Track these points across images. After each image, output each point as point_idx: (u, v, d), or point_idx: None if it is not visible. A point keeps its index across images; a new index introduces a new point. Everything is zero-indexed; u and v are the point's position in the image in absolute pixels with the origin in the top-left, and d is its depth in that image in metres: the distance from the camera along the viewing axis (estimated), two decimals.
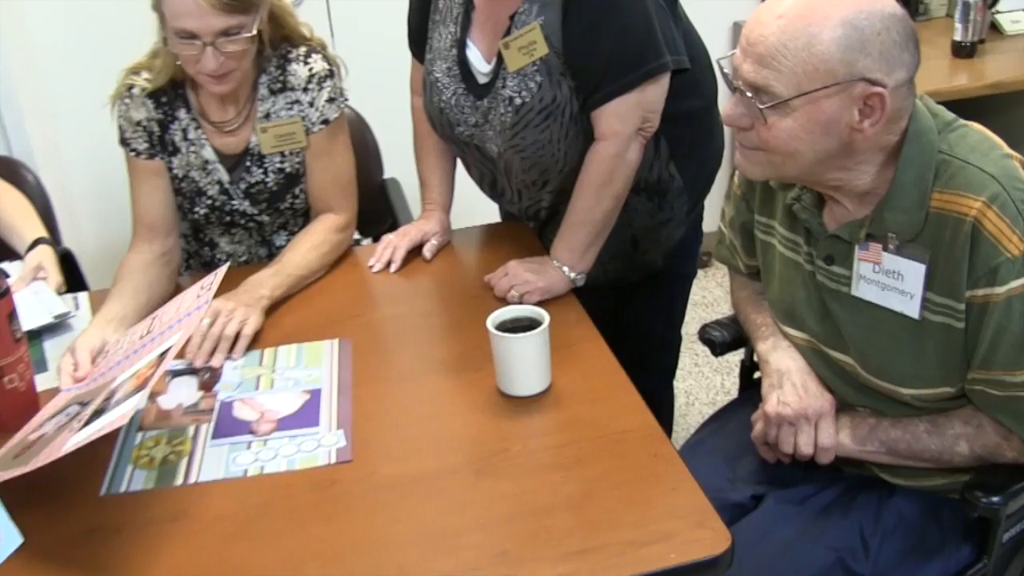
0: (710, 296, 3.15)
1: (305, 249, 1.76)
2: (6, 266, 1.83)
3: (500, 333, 1.36)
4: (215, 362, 1.51)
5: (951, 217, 1.20)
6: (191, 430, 1.38)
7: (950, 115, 1.29)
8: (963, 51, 2.69)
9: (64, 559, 1.18)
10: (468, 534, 1.17)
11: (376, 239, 1.88)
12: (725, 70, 1.22)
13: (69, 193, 2.77)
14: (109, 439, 1.36)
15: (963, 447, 1.31)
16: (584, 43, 1.59)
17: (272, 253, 1.86)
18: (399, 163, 2.03)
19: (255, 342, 1.57)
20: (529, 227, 1.87)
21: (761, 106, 1.17)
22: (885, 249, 1.25)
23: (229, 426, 1.38)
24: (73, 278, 2.07)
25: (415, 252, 1.81)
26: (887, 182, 1.23)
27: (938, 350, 1.26)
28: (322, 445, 1.33)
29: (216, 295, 1.43)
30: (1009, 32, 2.79)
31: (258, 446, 1.34)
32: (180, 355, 1.53)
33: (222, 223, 1.83)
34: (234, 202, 1.79)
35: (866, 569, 1.34)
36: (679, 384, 2.76)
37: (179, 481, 1.29)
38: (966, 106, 2.69)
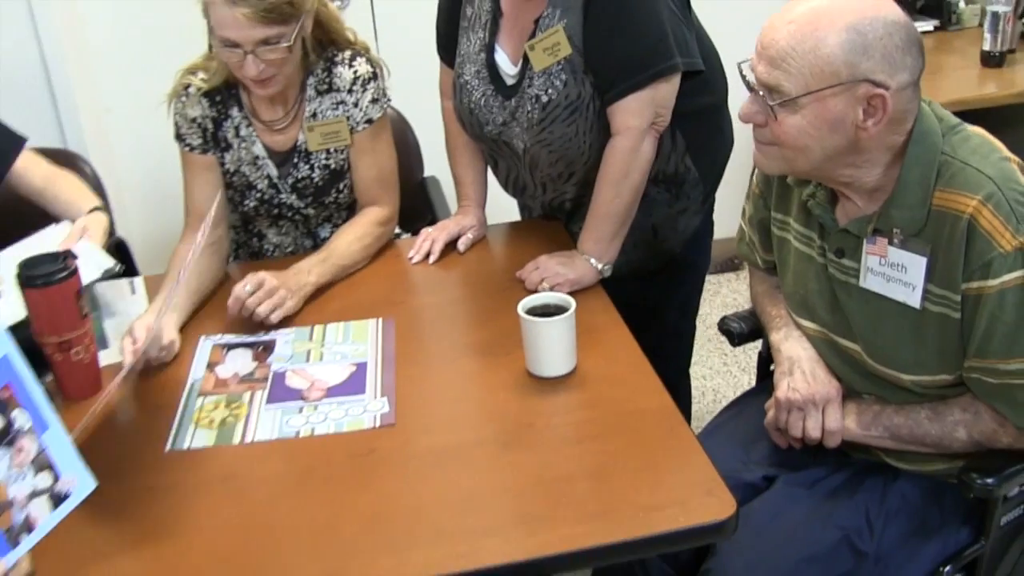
0: (740, 298, 3.28)
1: (350, 240, 1.92)
2: (51, 229, 1.96)
3: (530, 317, 1.51)
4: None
5: (950, 214, 1.33)
6: (247, 396, 1.55)
7: (955, 119, 1.42)
8: (992, 60, 2.80)
9: (128, 511, 1.34)
10: (495, 498, 1.32)
11: (415, 233, 2.04)
12: (744, 72, 1.36)
13: (119, 186, 2.96)
14: (171, 403, 1.54)
15: (961, 433, 1.44)
16: (601, 45, 1.75)
17: (317, 244, 2.02)
18: (439, 162, 2.18)
19: (305, 319, 1.74)
20: (558, 222, 2.03)
21: (771, 103, 1.31)
22: (890, 243, 1.38)
23: (282, 393, 1.55)
24: (126, 266, 2.25)
25: (451, 245, 1.97)
26: (893, 180, 1.37)
27: (937, 339, 1.39)
28: (367, 410, 1.49)
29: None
30: None
31: (309, 410, 1.50)
32: (234, 329, 1.72)
33: (270, 215, 2.00)
34: (282, 196, 1.96)
35: (870, 547, 1.47)
36: (707, 382, 2.90)
37: (237, 440, 1.46)
38: (993, 115, 2.81)
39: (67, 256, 1.58)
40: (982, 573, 1.51)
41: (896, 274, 1.39)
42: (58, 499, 1.18)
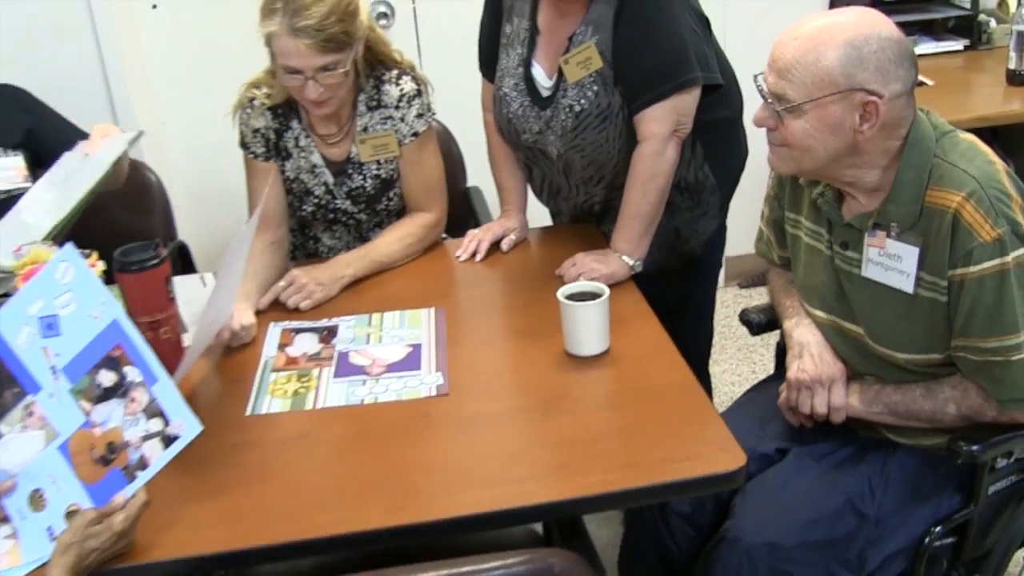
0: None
1: (391, 239, 2.22)
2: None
3: (568, 301, 1.79)
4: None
5: (938, 209, 1.60)
6: (315, 372, 1.84)
7: (948, 126, 1.69)
8: (1017, 79, 3.05)
9: (219, 462, 1.62)
10: (535, 452, 1.60)
11: (461, 236, 2.32)
12: (759, 82, 1.64)
13: (174, 193, 3.28)
14: (247, 377, 1.83)
15: (952, 408, 1.69)
16: (629, 59, 2.04)
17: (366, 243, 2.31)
18: (482, 173, 2.47)
19: (364, 308, 2.03)
20: (591, 224, 2.31)
21: (779, 109, 1.59)
22: (888, 236, 1.65)
23: (347, 369, 1.83)
24: (187, 268, 2.56)
25: (495, 245, 2.26)
26: (891, 180, 1.64)
27: (927, 321, 1.65)
28: (424, 383, 1.77)
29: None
30: None
31: (371, 383, 1.79)
32: (299, 316, 2.02)
33: (326, 220, 2.29)
34: (337, 202, 2.25)
35: (871, 510, 1.72)
36: (736, 388, 3.15)
37: (309, 406, 1.75)
38: (1018, 132, 3.06)
39: (158, 245, 1.88)
40: (972, 536, 1.76)
41: (893, 263, 1.66)
42: (168, 440, 1.46)
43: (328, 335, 1.96)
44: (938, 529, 1.72)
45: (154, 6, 3.17)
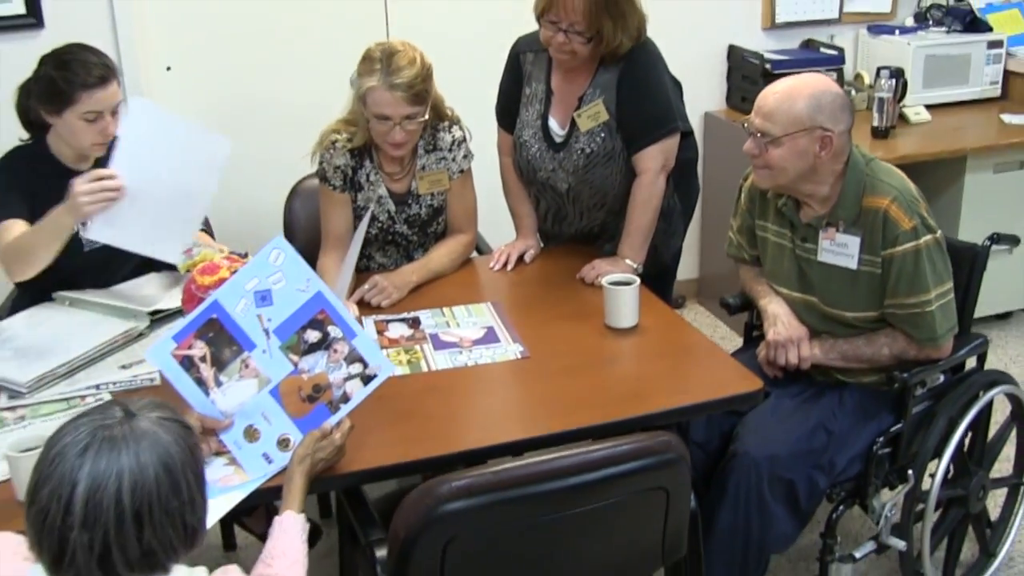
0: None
1: (442, 254, 2.83)
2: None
3: (612, 286, 2.44)
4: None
5: (872, 209, 2.34)
6: (418, 347, 2.41)
7: (870, 155, 2.45)
8: (879, 134, 3.93)
9: (378, 407, 2.15)
10: (612, 388, 2.24)
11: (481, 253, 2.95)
12: (747, 124, 2.36)
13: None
14: None
15: (885, 351, 2.43)
16: (629, 113, 2.74)
17: (412, 261, 2.89)
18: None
19: (436, 304, 2.61)
20: (589, 244, 2.97)
21: (763, 141, 2.31)
22: (837, 231, 2.38)
23: (442, 344, 2.41)
24: None
25: (519, 259, 2.90)
26: (837, 192, 2.38)
27: (867, 288, 2.38)
28: (508, 350, 2.38)
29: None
30: (913, 121, 4.05)
31: (467, 352, 2.37)
32: (382, 313, 2.59)
33: (384, 241, 2.87)
34: (396, 226, 2.84)
35: (835, 428, 2.43)
36: None
37: (424, 369, 2.32)
38: None
39: None
40: (902, 446, 2.48)
41: (841, 249, 2.39)
42: (367, 380, 2.02)
43: (415, 323, 2.54)
44: (880, 439, 2.44)
45: (168, 68, 3.68)
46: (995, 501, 2.88)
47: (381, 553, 1.89)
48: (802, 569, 2.90)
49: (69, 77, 2.48)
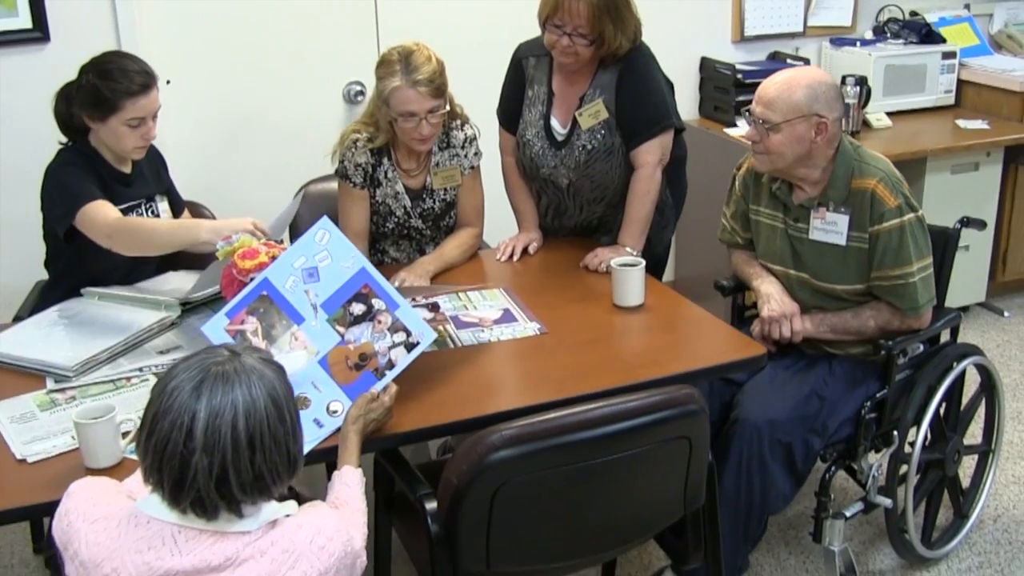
0: None
1: (454, 246, 3.01)
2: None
3: (621, 267, 2.65)
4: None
5: (860, 190, 2.58)
6: (442, 327, 2.58)
7: (857, 142, 2.69)
8: None
9: (410, 376, 2.32)
10: (626, 358, 2.44)
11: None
12: (750, 111, 2.58)
13: None
14: None
15: (871, 323, 2.66)
16: (627, 111, 2.96)
17: (423, 254, 3.07)
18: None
19: (452, 291, 2.80)
20: (587, 236, 3.18)
21: (764, 127, 2.54)
22: (827, 210, 2.61)
23: (463, 324, 2.59)
24: None
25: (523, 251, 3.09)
26: (828, 175, 2.61)
27: (855, 262, 2.62)
28: (527, 328, 2.56)
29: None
30: (876, 126, 4.34)
31: (488, 331, 2.55)
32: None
33: (399, 235, 3.04)
34: (411, 220, 3.02)
35: (827, 394, 2.65)
36: None
37: (451, 346, 2.49)
38: None
39: None
40: (887, 411, 2.71)
41: (831, 227, 2.62)
42: (411, 347, 2.20)
43: (434, 307, 2.71)
44: (868, 404, 2.66)
45: (168, 82, 3.82)
46: (965, 472, 3.12)
47: (431, 506, 2.06)
48: (791, 536, 3.11)
49: (113, 86, 2.63)
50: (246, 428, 1.50)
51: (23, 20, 3.56)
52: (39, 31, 3.56)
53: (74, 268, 2.76)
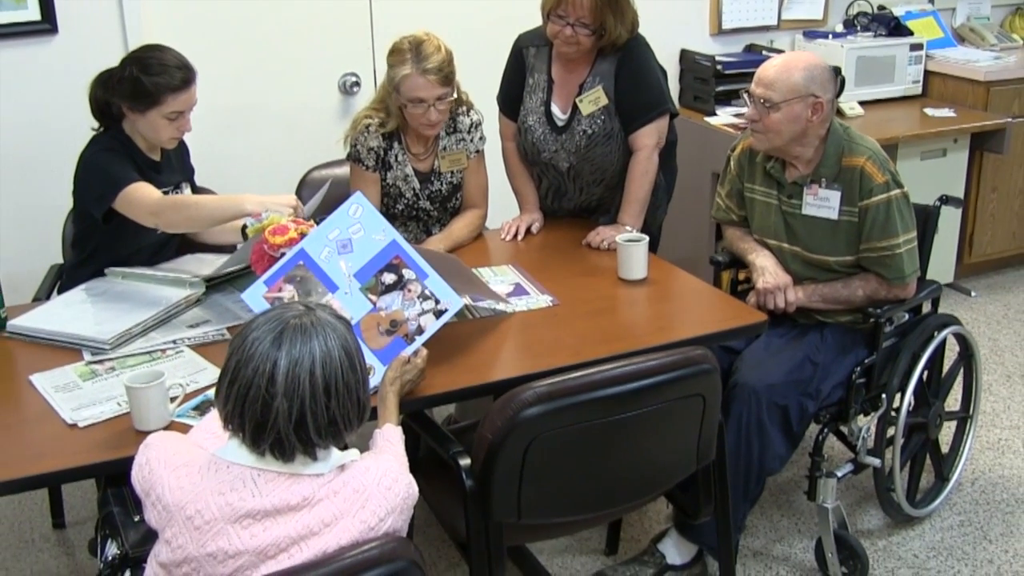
0: None
1: (462, 226, 3.14)
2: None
3: (626, 242, 2.79)
4: None
5: (850, 167, 2.74)
6: None
7: (846, 124, 2.85)
8: None
9: (451, 344, 2.42)
10: (638, 326, 2.60)
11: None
12: (750, 91, 2.74)
13: None
14: None
15: (860, 292, 2.82)
16: (626, 97, 3.11)
17: (430, 235, 3.19)
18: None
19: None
20: (586, 217, 3.32)
21: (764, 106, 2.70)
22: (820, 187, 2.78)
23: (478, 297, 2.70)
24: None
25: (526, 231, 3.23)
26: (820, 154, 2.77)
27: (845, 235, 2.78)
28: (540, 300, 2.70)
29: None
30: (849, 115, 4.52)
31: (503, 303, 2.67)
32: None
33: (408, 216, 3.16)
34: (420, 202, 3.14)
35: (820, 359, 2.81)
36: None
37: (469, 317, 2.62)
38: None
39: None
40: (875, 376, 2.88)
41: (823, 203, 2.79)
42: (439, 314, 2.32)
43: None
44: (858, 369, 2.83)
45: None
46: (944, 440, 3.30)
47: (464, 462, 2.18)
48: (783, 500, 3.27)
49: (156, 80, 2.71)
50: (323, 375, 1.62)
51: (32, 12, 3.62)
52: (48, 23, 3.63)
53: (106, 248, 2.85)
